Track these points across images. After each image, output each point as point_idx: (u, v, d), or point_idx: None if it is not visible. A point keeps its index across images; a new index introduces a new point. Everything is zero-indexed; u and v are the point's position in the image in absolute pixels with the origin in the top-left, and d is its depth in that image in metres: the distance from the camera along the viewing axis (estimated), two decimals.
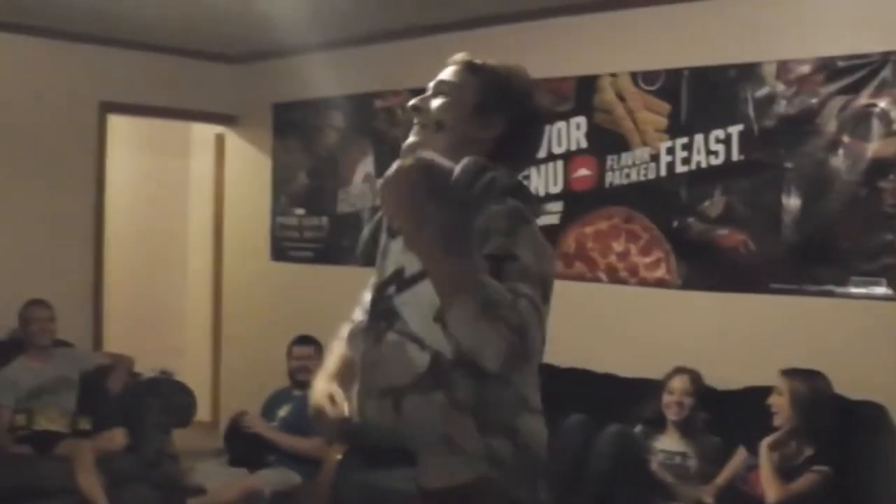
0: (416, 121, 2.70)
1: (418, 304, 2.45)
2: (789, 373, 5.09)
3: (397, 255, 2.58)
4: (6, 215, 7.30)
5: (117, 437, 6.46)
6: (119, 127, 8.45)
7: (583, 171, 6.35)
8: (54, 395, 6.57)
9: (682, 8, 5.94)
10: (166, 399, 6.73)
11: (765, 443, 5.02)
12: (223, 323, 8.96)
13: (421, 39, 7.04)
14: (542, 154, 6.47)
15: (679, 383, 5.53)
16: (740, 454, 5.27)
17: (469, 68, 2.68)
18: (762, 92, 5.60)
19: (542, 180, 6.49)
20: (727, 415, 5.49)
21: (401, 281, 2.55)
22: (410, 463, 2.53)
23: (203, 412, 7.81)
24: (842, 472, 4.90)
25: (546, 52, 6.48)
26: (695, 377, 5.55)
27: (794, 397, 5.03)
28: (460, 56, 2.74)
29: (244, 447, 6.61)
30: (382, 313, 2.58)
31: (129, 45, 7.77)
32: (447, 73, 2.71)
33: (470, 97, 2.64)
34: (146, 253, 9.21)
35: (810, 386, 5.04)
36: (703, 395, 5.55)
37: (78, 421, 6.59)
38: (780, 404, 5.06)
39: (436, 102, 2.67)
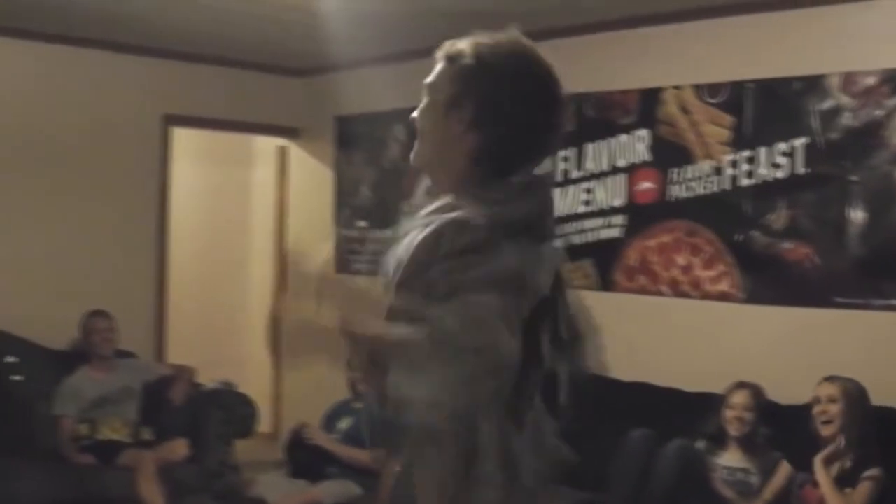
0: None
1: None
2: (834, 378, 5.05)
3: None
4: (71, 227, 7.38)
5: (179, 448, 6.49)
6: (182, 139, 8.52)
7: (646, 184, 6.31)
8: (117, 405, 6.63)
9: (746, 20, 5.90)
10: (228, 410, 6.77)
11: (819, 459, 4.96)
12: (284, 335, 8.98)
13: None
14: (605, 167, 6.46)
15: (740, 398, 5.47)
16: (784, 469, 5.24)
17: (447, 58, 2.29)
18: (827, 104, 5.55)
19: (606, 193, 6.47)
20: (791, 430, 5.43)
21: None
22: None
23: (264, 424, 7.83)
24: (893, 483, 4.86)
25: (609, 64, 6.47)
26: (756, 391, 5.49)
27: (849, 398, 4.98)
28: (444, 45, 2.34)
29: (305, 459, 6.62)
30: None
31: (192, 59, 7.83)
32: (432, 72, 2.32)
33: (443, 91, 2.27)
34: (209, 264, 9.25)
35: (857, 386, 5.02)
36: (766, 409, 5.50)
37: (140, 431, 6.65)
38: (833, 412, 4.99)
39: (417, 109, 2.33)
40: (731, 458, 5.43)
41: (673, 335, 6.25)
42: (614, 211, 6.45)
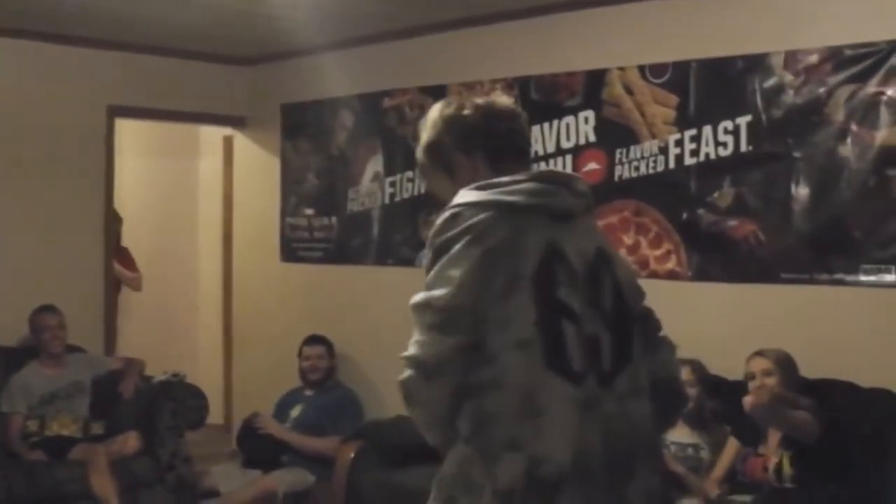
0: None
1: None
2: (763, 352, 5.15)
3: None
4: (15, 220, 7.30)
5: (131, 441, 6.47)
6: (128, 131, 8.47)
7: (592, 165, 6.33)
8: (67, 400, 6.60)
9: (689, 1, 5.93)
10: (178, 402, 6.74)
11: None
12: (234, 325, 8.96)
13: (428, 37, 7.04)
14: (551, 148, 6.47)
15: (681, 375, 5.50)
16: (732, 444, 5.29)
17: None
18: (770, 82, 5.58)
19: None
20: (738, 405, 5.48)
21: None
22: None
23: (216, 415, 7.81)
24: (852, 460, 4.89)
25: (554, 47, 6.49)
26: (696, 367, 5.50)
27: (783, 367, 5.08)
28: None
29: (258, 448, 6.63)
30: None
31: (135, 49, 7.76)
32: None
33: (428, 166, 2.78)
34: (156, 256, 9.20)
35: (787, 356, 5.13)
36: (711, 384, 5.54)
37: (91, 426, 6.61)
38: (771, 384, 5.03)
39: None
40: (680, 434, 5.44)
41: None
42: None
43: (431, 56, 7.11)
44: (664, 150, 6.01)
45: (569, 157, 6.42)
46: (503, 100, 2.77)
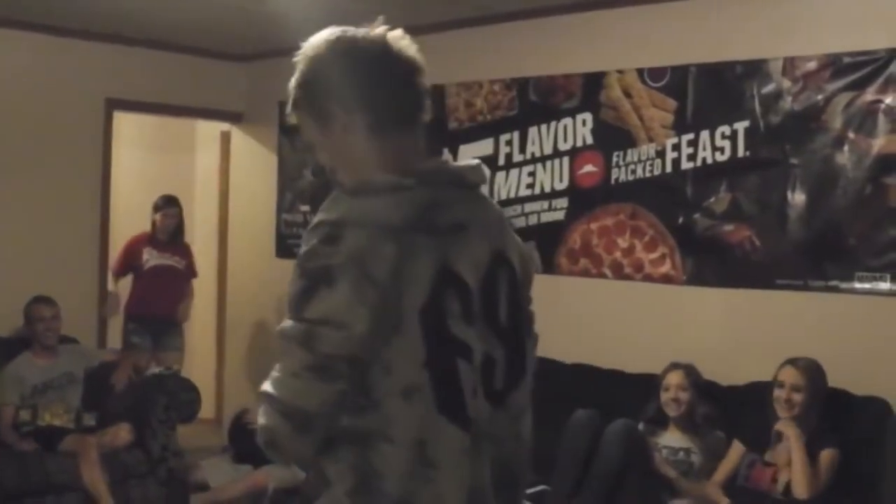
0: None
1: None
2: (797, 361, 5.11)
3: None
4: (11, 212, 7.31)
5: (122, 433, 6.46)
6: (125, 124, 8.46)
7: (589, 168, 6.35)
8: (59, 391, 6.59)
9: (689, 5, 5.95)
10: (171, 395, 6.73)
11: (789, 424, 5.01)
12: (227, 320, 8.96)
13: (426, 37, 6.96)
14: (548, 150, 6.48)
15: (674, 379, 5.52)
16: (736, 448, 5.27)
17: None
18: (768, 88, 5.60)
19: (548, 176, 6.50)
20: (733, 410, 5.49)
21: None
22: None
23: (207, 409, 7.80)
24: (847, 466, 4.92)
25: (553, 49, 6.50)
26: (689, 371, 5.53)
27: (814, 386, 5.06)
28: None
29: (248, 443, 6.61)
30: None
31: (135, 43, 7.77)
32: None
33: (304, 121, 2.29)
34: None
35: (819, 369, 5.11)
36: (704, 389, 5.55)
37: (83, 417, 6.61)
38: (796, 400, 5.02)
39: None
40: (671, 438, 5.47)
41: (616, 317, 6.29)
42: (557, 194, 6.48)
43: (429, 55, 6.99)
44: (661, 154, 6.02)
45: (566, 160, 6.43)
46: (404, 43, 2.31)
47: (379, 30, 2.30)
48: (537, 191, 6.57)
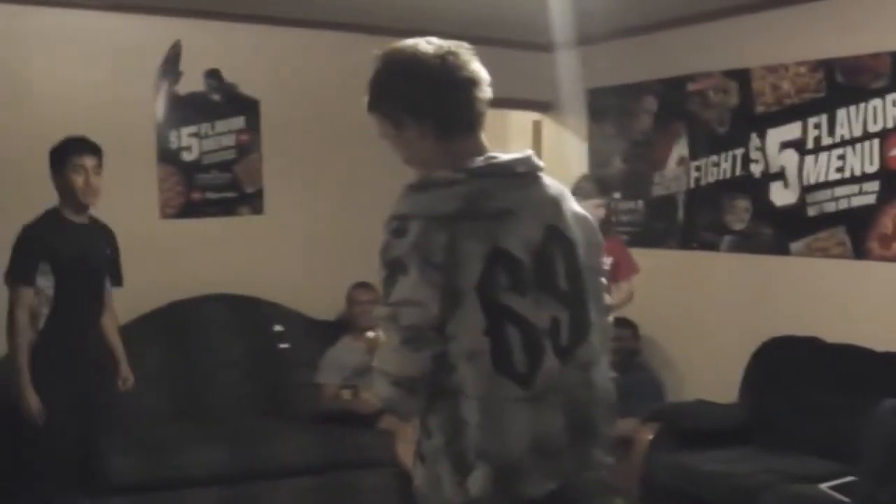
0: None
1: None
2: None
3: None
4: (334, 203, 7.76)
5: None
6: None
7: None
8: None
9: None
10: None
11: None
12: None
13: (730, 20, 6.96)
14: (857, 133, 6.32)
15: None
16: None
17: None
18: None
19: (858, 159, 6.34)
20: None
21: None
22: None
23: None
24: None
25: (858, 28, 6.33)
26: None
27: None
28: None
29: None
30: None
31: (443, 38, 7.96)
32: None
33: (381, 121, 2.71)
34: None
35: None
36: None
37: None
38: None
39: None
40: None
41: None
42: (867, 177, 6.31)
43: (734, 39, 7.04)
44: None
45: (875, 142, 6.25)
46: (466, 57, 2.72)
47: (446, 44, 2.70)
48: (847, 174, 6.42)
